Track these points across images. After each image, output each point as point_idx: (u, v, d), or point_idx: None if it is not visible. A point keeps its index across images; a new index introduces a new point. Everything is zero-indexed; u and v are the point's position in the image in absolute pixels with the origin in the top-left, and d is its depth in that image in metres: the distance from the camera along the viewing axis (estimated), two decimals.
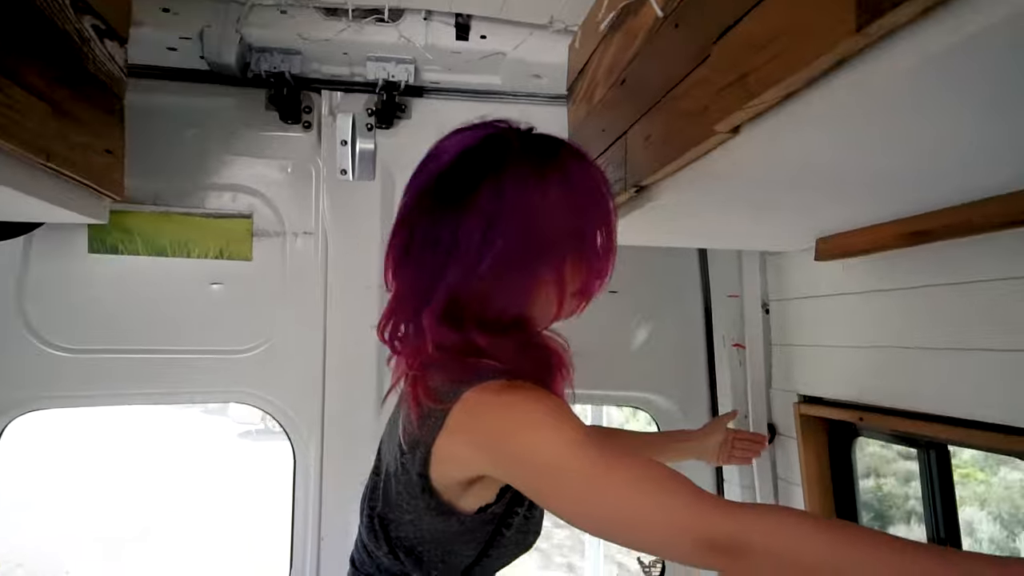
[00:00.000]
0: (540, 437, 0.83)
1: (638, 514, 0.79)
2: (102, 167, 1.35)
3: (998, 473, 6.94)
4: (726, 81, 0.82)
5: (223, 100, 1.75)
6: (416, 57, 1.70)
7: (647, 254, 1.94)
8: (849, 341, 1.54)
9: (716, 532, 0.73)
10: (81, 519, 8.49)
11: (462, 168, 0.91)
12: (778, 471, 1.83)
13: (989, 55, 0.57)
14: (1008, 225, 1.02)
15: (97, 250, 1.70)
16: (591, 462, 0.81)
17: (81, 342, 1.70)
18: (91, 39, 1.28)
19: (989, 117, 0.74)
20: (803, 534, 0.73)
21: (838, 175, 0.97)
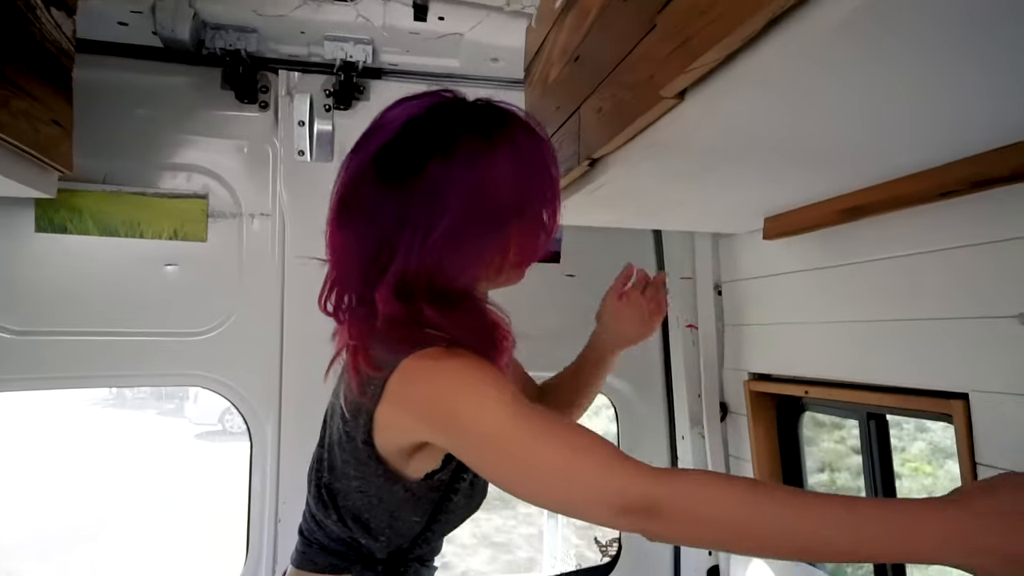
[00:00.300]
0: (475, 406, 0.84)
1: (563, 479, 0.80)
2: (49, 138, 1.31)
3: (944, 466, 7.24)
4: (671, 47, 0.83)
5: (177, 78, 1.71)
6: (374, 37, 1.69)
7: (604, 238, 1.97)
8: (795, 318, 1.60)
9: (631, 493, 0.75)
10: (30, 520, 8.21)
11: (408, 140, 0.90)
12: (729, 449, 1.89)
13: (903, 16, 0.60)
14: (936, 198, 1.08)
15: (44, 229, 1.64)
16: (523, 432, 0.82)
17: (27, 324, 1.64)
18: (37, 6, 1.25)
19: (914, 90, 0.78)
20: (715, 493, 0.75)
21: (780, 145, 1.00)
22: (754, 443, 1.75)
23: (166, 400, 13.81)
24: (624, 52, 1.00)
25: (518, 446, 0.83)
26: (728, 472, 1.87)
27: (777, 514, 0.72)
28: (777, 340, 1.68)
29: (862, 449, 1.52)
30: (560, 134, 1.32)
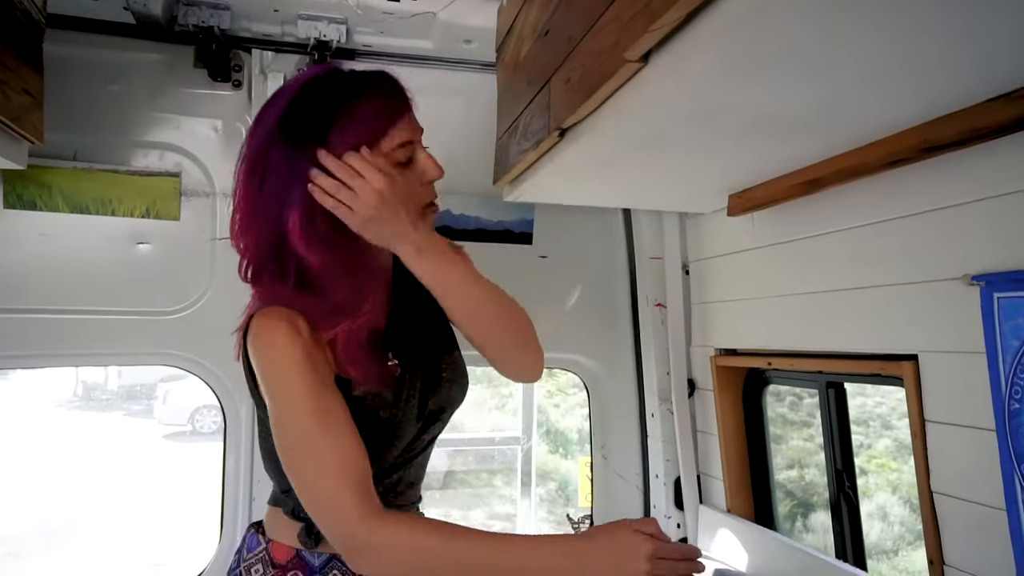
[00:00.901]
0: (280, 390, 0.96)
1: (308, 490, 0.95)
2: (20, 107, 1.30)
3: (908, 462, 7.45)
4: (634, 11, 0.86)
5: (149, 55, 1.70)
6: (348, 17, 1.69)
7: (574, 219, 2.01)
8: (759, 293, 1.65)
9: (343, 530, 0.91)
10: None
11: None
12: (697, 424, 1.93)
13: None
14: (888, 166, 1.12)
15: (13, 205, 1.62)
16: (299, 432, 0.95)
17: None
18: None
19: (868, 52, 0.81)
20: (409, 546, 0.91)
21: (741, 111, 1.03)
22: (720, 417, 1.80)
23: (134, 401, 13.54)
24: (591, 21, 1.02)
25: (289, 441, 0.96)
26: (695, 445, 1.92)
27: (457, 559, 0.90)
28: (742, 315, 1.73)
29: (821, 417, 1.58)
30: (532, 107, 1.35)
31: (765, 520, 1.78)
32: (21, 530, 7.95)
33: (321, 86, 1.02)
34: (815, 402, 1.64)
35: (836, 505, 1.58)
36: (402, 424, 1.07)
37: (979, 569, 1.10)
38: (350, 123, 0.99)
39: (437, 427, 1.17)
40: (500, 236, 1.96)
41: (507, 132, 1.55)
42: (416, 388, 1.10)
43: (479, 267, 1.91)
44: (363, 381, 1.01)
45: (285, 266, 1.01)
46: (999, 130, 0.94)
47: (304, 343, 0.96)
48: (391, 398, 1.05)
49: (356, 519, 0.90)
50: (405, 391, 1.07)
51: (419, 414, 1.10)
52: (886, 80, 0.92)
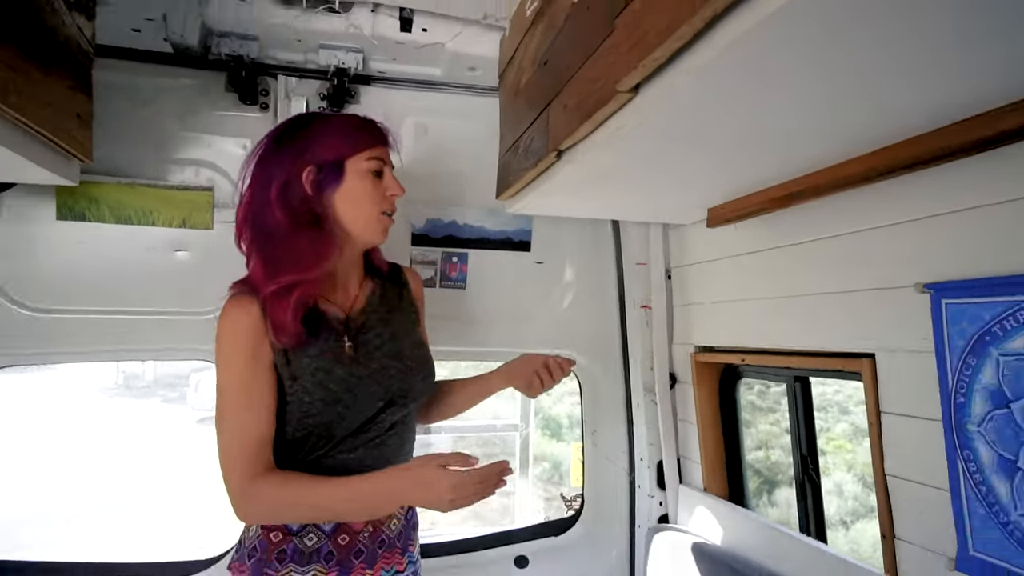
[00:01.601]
0: (220, 361, 1.10)
1: (218, 450, 1.09)
2: (72, 129, 1.30)
3: (862, 444, 7.47)
4: (628, 46, 0.87)
5: (185, 81, 1.69)
6: (364, 46, 1.69)
7: (568, 229, 2.01)
8: (734, 296, 1.65)
9: (231, 489, 1.06)
10: (37, 494, 8.07)
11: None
12: (678, 413, 1.93)
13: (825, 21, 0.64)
14: (851, 185, 1.13)
15: (65, 217, 1.61)
16: (225, 399, 1.09)
17: (48, 302, 1.61)
18: (61, 10, 1.24)
19: (836, 81, 0.82)
20: (272, 499, 1.07)
21: (720, 134, 1.03)
22: (698, 407, 1.80)
23: (170, 389, 13.53)
24: (587, 54, 1.03)
25: (217, 411, 1.10)
26: (676, 432, 1.92)
27: (293, 502, 1.07)
28: (718, 316, 1.73)
29: (789, 408, 1.58)
30: (531, 130, 1.35)
31: (737, 499, 1.78)
32: (75, 499, 7.99)
33: (307, 116, 1.22)
34: (781, 390, 1.65)
35: (801, 486, 1.58)
36: (355, 398, 1.13)
37: (925, 542, 1.11)
38: (332, 135, 1.15)
39: (399, 411, 1.20)
40: (501, 244, 1.96)
41: (509, 151, 1.55)
42: (371, 370, 1.17)
43: (484, 271, 1.92)
44: (284, 343, 1.09)
45: (252, 237, 1.15)
46: (945, 156, 0.95)
47: (247, 326, 1.08)
48: (341, 373, 1.12)
49: (236, 480, 1.05)
50: (358, 369, 1.15)
51: (381, 394, 1.16)
52: (850, 109, 0.93)
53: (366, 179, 1.16)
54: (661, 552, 1.76)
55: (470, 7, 1.58)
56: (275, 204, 1.11)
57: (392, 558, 1.20)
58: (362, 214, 1.17)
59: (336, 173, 1.14)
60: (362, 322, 1.21)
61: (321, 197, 1.14)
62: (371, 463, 1.16)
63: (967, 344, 1.00)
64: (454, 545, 1.98)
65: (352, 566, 1.14)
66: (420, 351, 1.28)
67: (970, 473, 1.01)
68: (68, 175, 1.37)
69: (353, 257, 1.23)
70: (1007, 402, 0.95)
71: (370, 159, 1.17)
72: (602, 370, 2.04)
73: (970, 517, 1.01)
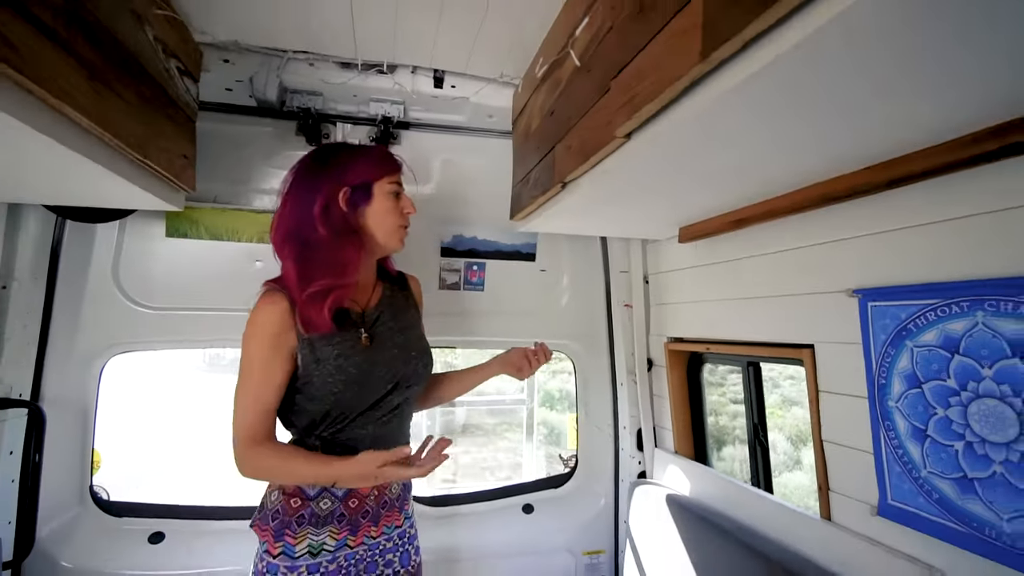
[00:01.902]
0: (244, 344, 1.06)
1: (233, 413, 1.06)
2: (180, 167, 1.32)
3: (791, 411, 7.51)
4: (621, 102, 0.89)
5: (265, 128, 1.71)
6: (405, 99, 1.71)
7: (566, 243, 2.02)
8: (699, 298, 1.66)
9: (236, 446, 1.04)
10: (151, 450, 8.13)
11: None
12: (653, 390, 1.93)
13: (771, 92, 0.66)
14: (795, 211, 1.15)
15: (172, 235, 1.64)
16: (244, 367, 1.06)
17: (158, 302, 1.64)
18: (175, 76, 1.26)
19: (790, 131, 0.84)
20: (256, 462, 1.04)
21: (695, 170, 1.05)
22: (670, 385, 1.81)
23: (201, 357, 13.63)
24: (587, 106, 1.05)
25: (240, 381, 1.06)
26: (652, 405, 1.93)
27: (276, 467, 1.05)
28: (686, 314, 1.74)
29: (744, 386, 1.58)
30: (539, 166, 1.37)
31: (701, 458, 1.79)
32: (172, 458, 7.98)
33: (336, 146, 1.20)
34: (727, 369, 1.66)
35: (753, 448, 1.59)
36: (369, 380, 1.11)
37: (853, 493, 1.12)
38: (361, 164, 1.14)
39: (404, 393, 1.17)
40: (511, 255, 1.97)
41: (521, 182, 1.56)
42: (384, 357, 1.14)
43: (499, 277, 1.94)
44: (313, 332, 1.06)
45: (293, 247, 1.09)
46: (868, 190, 0.98)
47: (274, 317, 1.05)
48: (359, 359, 1.10)
49: (240, 443, 1.04)
50: (373, 355, 1.12)
51: (390, 378, 1.14)
52: (792, 154, 0.95)
53: (389, 199, 1.15)
54: (641, 502, 1.76)
55: (490, 68, 1.59)
56: (318, 220, 1.08)
57: (392, 516, 1.19)
58: (386, 226, 1.15)
59: (366, 194, 1.13)
60: (376, 317, 1.18)
61: (354, 213, 1.12)
62: (379, 439, 1.14)
63: (888, 337, 1.01)
64: (473, 496, 1.98)
65: (360, 525, 1.13)
66: (422, 343, 1.25)
67: (889, 439, 1.02)
68: (176, 203, 1.39)
69: (372, 263, 1.21)
70: (919, 383, 0.96)
71: (391, 183, 1.16)
72: (592, 356, 2.05)
73: (889, 474, 1.02)
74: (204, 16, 1.36)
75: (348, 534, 1.11)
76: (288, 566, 1.05)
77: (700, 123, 0.79)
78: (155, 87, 1.18)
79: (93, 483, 1.69)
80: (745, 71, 0.64)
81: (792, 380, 7.38)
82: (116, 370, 1.73)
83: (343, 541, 1.11)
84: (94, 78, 0.94)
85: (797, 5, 0.55)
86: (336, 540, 1.10)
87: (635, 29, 0.85)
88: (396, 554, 1.19)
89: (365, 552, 1.14)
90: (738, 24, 0.60)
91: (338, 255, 1.07)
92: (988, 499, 0.85)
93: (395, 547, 1.19)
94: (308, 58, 1.55)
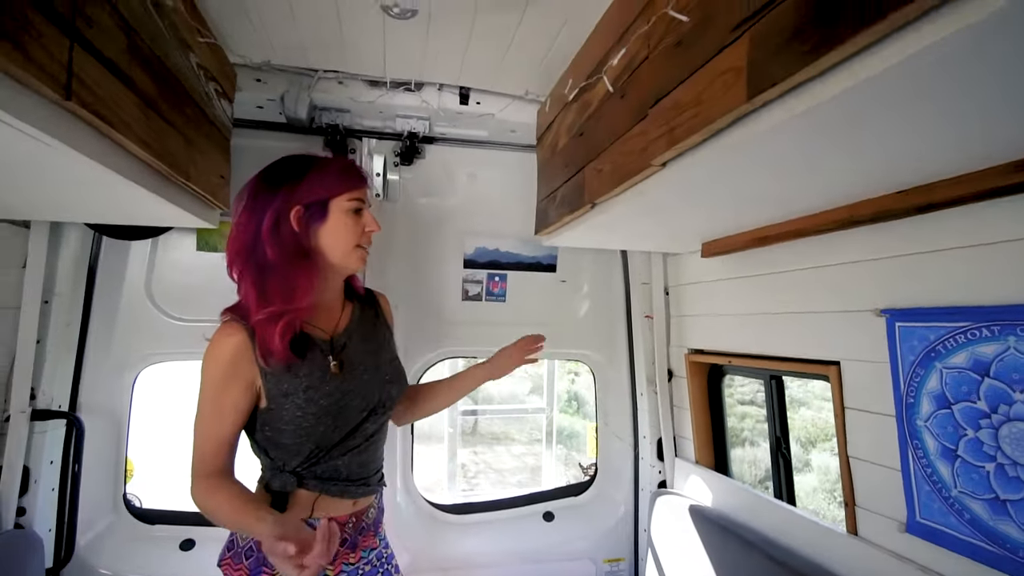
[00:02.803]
0: (201, 379, 0.99)
1: (192, 447, 0.98)
2: (217, 186, 1.36)
3: (798, 412, 7.46)
4: (659, 132, 0.91)
5: (294, 143, 1.74)
6: (430, 115, 1.74)
7: (586, 255, 2.04)
8: (721, 311, 1.67)
9: (193, 480, 0.97)
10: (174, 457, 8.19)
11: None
12: (674, 400, 1.94)
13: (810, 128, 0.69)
14: (818, 232, 1.17)
15: (202, 248, 1.68)
16: (200, 405, 0.99)
17: (191, 313, 1.68)
18: (213, 98, 1.30)
19: (820, 163, 0.87)
20: (201, 502, 0.96)
21: (724, 194, 1.07)
22: (690, 396, 1.82)
23: None
24: (620, 132, 1.07)
25: (196, 413, 0.99)
26: (672, 416, 1.93)
27: (214, 511, 0.94)
28: (708, 326, 1.74)
29: (766, 400, 1.59)
30: (567, 185, 1.39)
31: (722, 469, 1.79)
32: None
33: (295, 158, 1.07)
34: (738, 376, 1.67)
35: (775, 460, 1.60)
36: (342, 410, 1.03)
37: (879, 508, 1.13)
38: (317, 179, 1.02)
39: (381, 418, 1.11)
40: (533, 266, 2.00)
41: (547, 199, 1.58)
42: (355, 384, 1.06)
43: (520, 288, 1.96)
44: (273, 364, 0.98)
45: (248, 269, 1.01)
46: (897, 214, 0.99)
47: (228, 350, 0.98)
48: (329, 389, 1.02)
49: (193, 473, 0.98)
50: (344, 384, 1.04)
51: (364, 405, 1.06)
52: (815, 183, 0.97)
53: (347, 217, 1.05)
54: (663, 512, 1.77)
55: (515, 86, 1.62)
56: (267, 240, 0.99)
57: (368, 540, 1.14)
58: (342, 247, 1.05)
59: (321, 212, 1.03)
60: (344, 342, 1.09)
61: (308, 233, 1.02)
62: (356, 468, 1.08)
63: (916, 358, 1.03)
64: (495, 504, 2.01)
65: (338, 554, 1.07)
66: (394, 364, 1.17)
67: (918, 458, 1.03)
68: (211, 220, 1.43)
69: (336, 284, 1.12)
70: (948, 404, 0.98)
71: (351, 199, 1.05)
72: (612, 365, 2.06)
73: (918, 492, 1.04)
74: (240, 39, 1.40)
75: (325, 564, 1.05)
76: None
77: (737, 153, 0.81)
78: (196, 110, 1.22)
79: (127, 491, 1.74)
80: (787, 112, 0.67)
81: (799, 381, 7.35)
82: (156, 381, 1.76)
83: (322, 573, 1.03)
84: (148, 107, 0.98)
85: (839, 61, 0.57)
86: None
87: (673, 62, 0.87)
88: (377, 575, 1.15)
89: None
90: (783, 72, 0.62)
91: (288, 279, 0.99)
92: (1020, 520, 0.87)
93: (374, 570, 1.15)
94: (338, 76, 1.59)
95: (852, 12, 0.54)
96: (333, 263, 1.06)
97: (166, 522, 1.73)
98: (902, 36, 0.52)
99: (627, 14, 1.06)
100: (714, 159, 0.83)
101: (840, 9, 0.56)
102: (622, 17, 1.08)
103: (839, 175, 0.93)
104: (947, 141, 0.75)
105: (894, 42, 0.53)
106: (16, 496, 1.42)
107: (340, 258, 1.05)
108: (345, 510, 1.08)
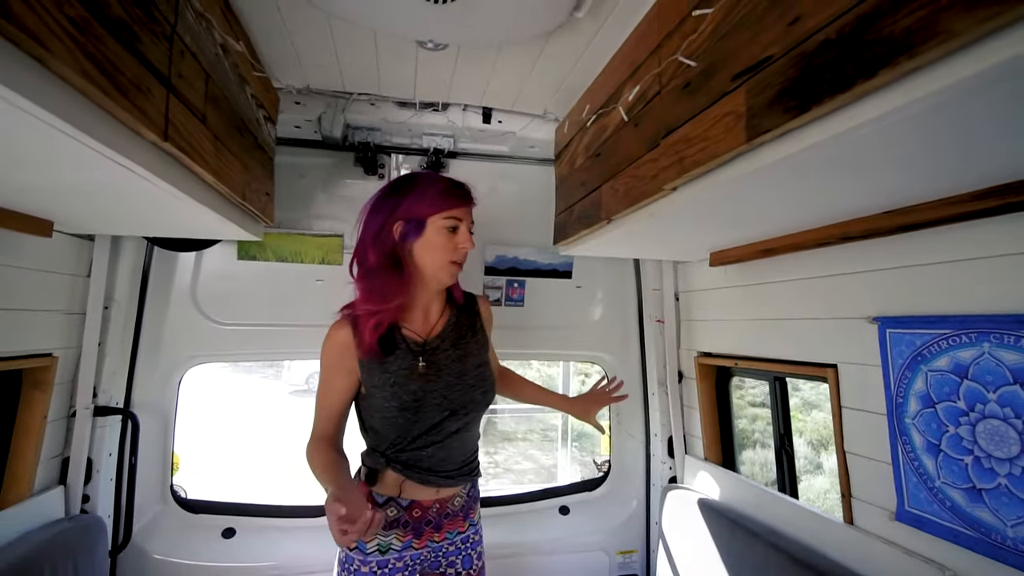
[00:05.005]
0: (320, 365, 1.18)
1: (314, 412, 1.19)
2: (264, 203, 1.49)
3: (810, 415, 7.48)
4: (670, 161, 1.02)
5: (327, 160, 1.87)
6: (455, 133, 1.86)
7: (601, 263, 2.14)
8: (728, 316, 1.76)
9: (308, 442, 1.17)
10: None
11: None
12: (684, 401, 2.04)
13: (803, 165, 0.80)
14: (817, 245, 1.26)
15: (243, 258, 1.81)
16: (319, 389, 1.19)
17: (231, 318, 1.82)
18: (262, 123, 1.44)
19: (814, 190, 0.97)
20: (309, 455, 1.14)
21: (729, 213, 1.18)
22: (700, 398, 1.91)
23: (269, 367, 13.81)
24: (634, 157, 1.18)
25: (318, 387, 1.20)
26: (683, 415, 2.02)
27: (311, 465, 1.12)
28: (716, 330, 1.83)
29: (771, 400, 1.68)
30: (584, 201, 1.50)
31: (730, 465, 1.88)
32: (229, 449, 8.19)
33: (411, 176, 1.21)
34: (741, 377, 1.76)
35: (779, 457, 1.69)
36: (423, 407, 1.15)
37: (873, 500, 1.22)
38: (419, 198, 1.14)
39: (462, 419, 1.20)
40: (550, 273, 2.10)
41: (564, 212, 1.70)
42: (439, 386, 1.17)
43: (537, 293, 2.08)
44: (362, 356, 1.15)
45: (358, 271, 1.18)
46: (885, 232, 1.09)
47: (335, 343, 1.15)
48: (413, 387, 1.14)
49: (311, 434, 1.17)
50: (427, 384, 1.16)
51: (445, 405, 1.17)
52: (813, 204, 1.07)
53: (441, 234, 1.14)
54: (673, 505, 1.86)
55: (535, 106, 1.74)
56: (370, 247, 1.14)
57: (455, 523, 1.26)
58: (435, 262, 1.15)
59: (418, 228, 1.13)
60: (436, 345, 1.19)
61: (404, 245, 1.14)
62: (438, 461, 1.19)
63: (905, 361, 1.13)
64: (514, 497, 2.12)
65: (423, 531, 1.22)
66: (481, 370, 1.24)
67: (906, 452, 1.13)
68: (256, 233, 1.56)
69: (432, 292, 1.21)
70: (933, 404, 1.08)
71: (447, 218, 1.14)
72: (625, 367, 2.15)
73: (906, 483, 1.14)
74: (285, 68, 1.54)
75: (413, 537, 1.22)
76: (361, 560, 1.20)
77: (740, 182, 0.91)
78: (249, 135, 1.35)
79: (173, 482, 1.88)
80: (781, 153, 0.78)
81: (811, 384, 7.36)
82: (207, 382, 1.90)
83: (408, 543, 1.22)
84: (217, 139, 1.12)
85: (827, 112, 0.69)
86: (402, 542, 1.22)
87: (683, 100, 0.98)
88: (459, 556, 1.29)
89: (429, 553, 1.25)
90: (777, 121, 0.74)
91: (382, 283, 1.12)
92: (994, 507, 0.98)
93: (457, 551, 1.29)
94: (370, 99, 1.72)
95: (830, 79, 0.66)
96: (425, 275, 1.17)
97: (209, 512, 1.88)
98: (871, 99, 0.64)
99: (640, 52, 1.17)
100: (719, 185, 0.94)
101: (820, 75, 0.67)
102: (635, 55, 1.20)
103: (832, 198, 1.03)
104: (921, 175, 0.86)
105: (863, 104, 0.65)
106: (82, 484, 1.57)
107: (433, 271, 1.16)
108: (429, 496, 1.22)
